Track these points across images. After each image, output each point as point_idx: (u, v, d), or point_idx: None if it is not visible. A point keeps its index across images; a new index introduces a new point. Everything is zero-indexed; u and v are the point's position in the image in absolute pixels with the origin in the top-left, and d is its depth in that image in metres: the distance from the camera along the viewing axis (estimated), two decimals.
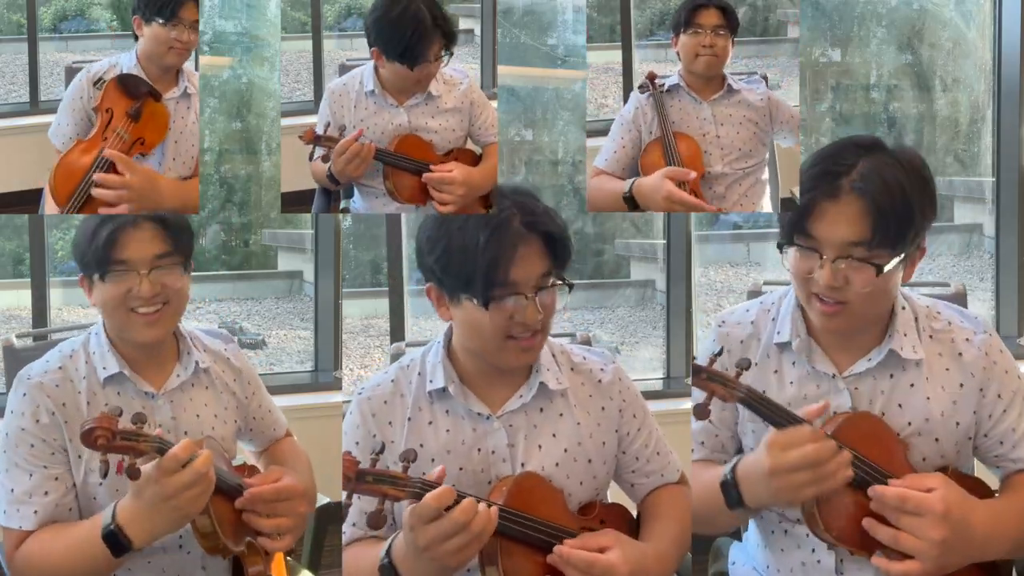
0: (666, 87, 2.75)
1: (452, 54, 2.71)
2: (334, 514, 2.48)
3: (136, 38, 2.66)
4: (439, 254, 1.99)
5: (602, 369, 2.19)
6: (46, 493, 2.11)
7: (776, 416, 1.96)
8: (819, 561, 2.12)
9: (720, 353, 2.02)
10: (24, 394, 2.14)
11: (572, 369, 2.18)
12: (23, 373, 2.18)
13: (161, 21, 2.59)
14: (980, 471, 2.17)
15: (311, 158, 2.73)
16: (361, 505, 2.04)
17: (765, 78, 2.83)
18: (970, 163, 4.75)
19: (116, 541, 2.00)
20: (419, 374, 2.12)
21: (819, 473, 1.91)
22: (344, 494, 1.95)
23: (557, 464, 2.11)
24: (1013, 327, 4.29)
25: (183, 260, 2.19)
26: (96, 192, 2.47)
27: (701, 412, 1.97)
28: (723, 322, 2.20)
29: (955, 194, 4.99)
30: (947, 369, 2.10)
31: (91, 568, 2.06)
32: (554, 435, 2.12)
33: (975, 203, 4.86)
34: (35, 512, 2.10)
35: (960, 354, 2.10)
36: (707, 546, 2.42)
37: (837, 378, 2.09)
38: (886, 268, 1.96)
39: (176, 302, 2.19)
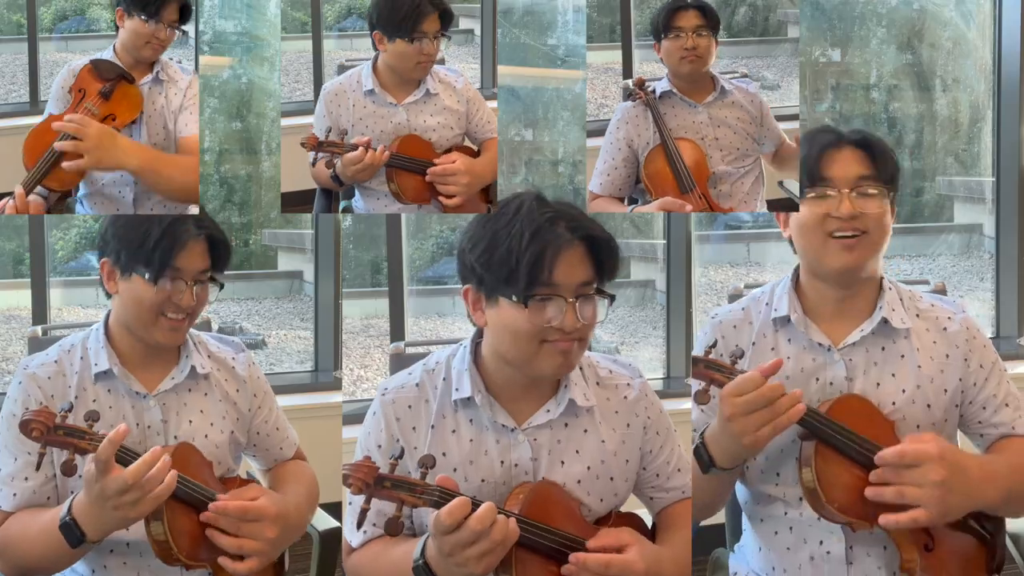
0: (658, 93, 2.74)
1: (449, 37, 2.76)
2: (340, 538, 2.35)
3: (117, 28, 2.71)
4: (481, 251, 1.97)
5: (628, 384, 2.17)
6: (26, 478, 2.15)
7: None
8: (829, 552, 2.16)
9: (715, 344, 2.14)
10: (20, 383, 2.20)
11: (598, 383, 2.15)
12: (24, 362, 2.23)
13: (144, 18, 2.65)
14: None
15: (313, 163, 2.74)
16: (379, 509, 1.99)
17: (748, 75, 2.84)
18: (970, 163, 4.75)
19: (71, 532, 2.01)
20: (444, 380, 2.09)
21: (773, 411, 2.00)
22: (361, 498, 1.91)
23: (579, 481, 2.09)
24: (1013, 327, 4.30)
25: (218, 277, 2.24)
26: (58, 145, 2.49)
27: (702, 398, 2.09)
28: (715, 314, 2.30)
29: (955, 194, 4.99)
30: (934, 342, 2.22)
31: (56, 555, 2.08)
32: (578, 451, 2.10)
33: (975, 203, 4.86)
34: (14, 495, 2.15)
35: (945, 329, 2.23)
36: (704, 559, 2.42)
37: (832, 350, 2.19)
38: (891, 195, 2.20)
39: (198, 313, 2.23)
